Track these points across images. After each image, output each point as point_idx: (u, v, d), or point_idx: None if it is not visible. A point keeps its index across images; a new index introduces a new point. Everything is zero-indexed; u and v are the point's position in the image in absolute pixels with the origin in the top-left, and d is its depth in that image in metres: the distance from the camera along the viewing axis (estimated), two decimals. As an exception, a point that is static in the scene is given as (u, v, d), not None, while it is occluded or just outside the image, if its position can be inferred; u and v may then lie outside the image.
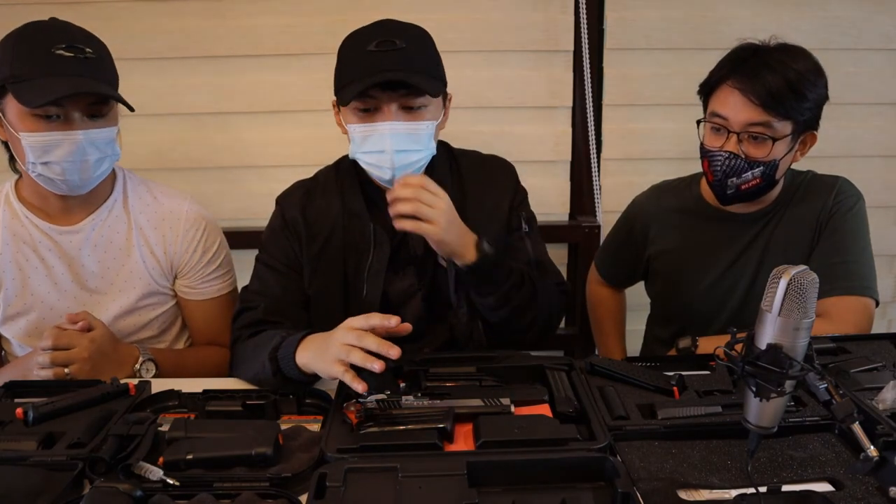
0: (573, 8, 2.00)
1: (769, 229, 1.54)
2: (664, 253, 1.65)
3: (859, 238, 1.50)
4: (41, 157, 1.29)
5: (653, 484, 0.95)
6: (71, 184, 1.34)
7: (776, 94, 1.37)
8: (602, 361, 1.26)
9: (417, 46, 1.31)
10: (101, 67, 1.31)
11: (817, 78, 1.41)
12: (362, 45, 1.28)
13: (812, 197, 1.53)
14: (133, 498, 0.89)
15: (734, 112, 1.41)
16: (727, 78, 1.43)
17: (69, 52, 1.26)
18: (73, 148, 1.29)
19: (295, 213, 1.42)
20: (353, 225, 1.41)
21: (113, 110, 1.36)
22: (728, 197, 1.48)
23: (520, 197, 1.50)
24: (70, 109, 1.28)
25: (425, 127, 1.31)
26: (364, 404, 1.10)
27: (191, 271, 1.51)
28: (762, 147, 1.41)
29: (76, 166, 1.31)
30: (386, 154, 1.30)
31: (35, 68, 1.25)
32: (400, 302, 1.42)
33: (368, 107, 1.29)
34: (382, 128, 1.29)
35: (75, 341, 1.29)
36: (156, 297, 1.50)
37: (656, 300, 1.74)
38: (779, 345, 0.84)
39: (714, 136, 1.46)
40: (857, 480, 0.95)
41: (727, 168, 1.43)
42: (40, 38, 1.27)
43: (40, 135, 1.27)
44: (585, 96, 2.03)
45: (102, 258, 1.45)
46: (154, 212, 1.49)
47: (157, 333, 1.53)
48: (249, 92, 2.01)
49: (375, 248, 1.39)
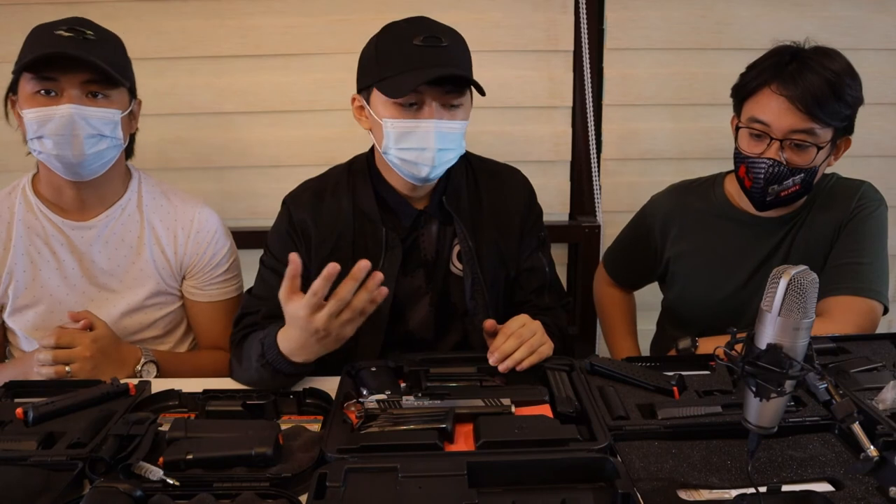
0: (573, 8, 2.00)
1: (793, 234, 1.52)
2: (685, 254, 1.62)
3: (876, 242, 1.48)
4: (36, 131, 1.31)
5: (653, 484, 0.95)
6: (65, 160, 1.33)
7: (820, 100, 1.34)
8: (602, 361, 1.26)
9: (460, 45, 1.31)
10: (101, 49, 1.33)
11: (853, 80, 1.39)
12: (406, 39, 1.27)
13: (836, 201, 1.50)
14: (133, 498, 0.89)
15: (777, 118, 1.38)
16: (769, 83, 1.39)
17: (69, 32, 1.31)
18: (63, 121, 1.30)
19: (304, 214, 1.41)
20: (363, 227, 1.40)
21: (119, 96, 1.37)
22: (767, 203, 1.46)
23: (534, 215, 1.50)
24: (65, 86, 1.31)
25: (461, 126, 1.32)
26: (364, 404, 1.10)
27: (199, 273, 1.52)
28: (805, 154, 1.38)
29: (66, 140, 1.31)
30: (428, 151, 1.29)
31: (35, 49, 1.30)
32: (408, 303, 1.42)
33: (414, 101, 1.28)
34: (427, 125, 1.28)
35: (77, 340, 1.30)
36: (163, 297, 1.51)
37: (674, 303, 1.70)
38: (779, 345, 0.84)
39: (754, 143, 1.42)
40: (857, 480, 0.95)
41: (769, 176, 1.40)
42: (47, 25, 1.33)
43: (35, 111, 1.31)
44: (585, 96, 2.03)
45: (113, 255, 1.47)
46: (167, 213, 1.51)
47: (162, 334, 1.53)
48: (249, 92, 2.01)
49: (387, 252, 1.38)
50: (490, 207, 1.45)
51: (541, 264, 1.50)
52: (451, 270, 1.43)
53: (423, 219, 1.42)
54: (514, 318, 1.26)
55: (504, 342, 1.22)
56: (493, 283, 1.43)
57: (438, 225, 1.43)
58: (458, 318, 1.44)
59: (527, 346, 1.22)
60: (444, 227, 1.43)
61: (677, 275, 1.64)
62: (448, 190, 1.42)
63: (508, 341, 1.22)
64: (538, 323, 1.26)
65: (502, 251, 1.45)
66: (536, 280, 1.49)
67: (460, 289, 1.42)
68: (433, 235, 1.43)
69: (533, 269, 1.48)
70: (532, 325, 1.25)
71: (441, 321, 1.44)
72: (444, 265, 1.43)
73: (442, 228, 1.43)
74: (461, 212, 1.42)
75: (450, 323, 1.45)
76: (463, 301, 1.42)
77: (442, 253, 1.43)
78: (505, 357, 1.21)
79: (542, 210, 1.54)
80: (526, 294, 1.48)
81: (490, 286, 1.42)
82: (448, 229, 1.43)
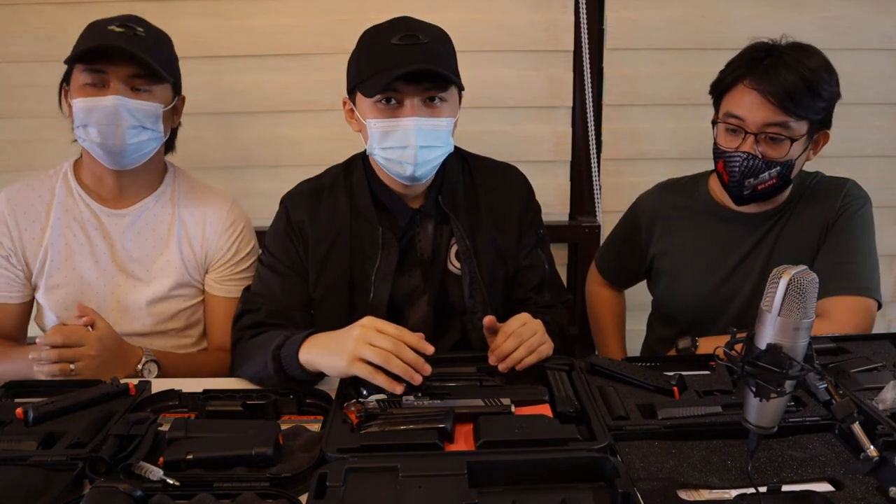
0: (573, 8, 2.00)
1: (777, 230, 1.54)
2: (669, 251, 1.64)
3: (864, 240, 1.49)
4: (83, 119, 1.37)
5: (653, 484, 0.95)
6: (108, 148, 1.39)
7: (793, 94, 1.36)
8: (602, 361, 1.26)
9: (440, 42, 1.31)
10: (149, 45, 1.39)
11: (830, 75, 1.40)
12: (385, 39, 1.27)
13: (820, 198, 1.52)
14: (133, 498, 0.89)
15: (751, 112, 1.40)
16: (743, 78, 1.42)
17: (120, 28, 1.37)
18: (107, 111, 1.36)
19: (301, 214, 1.42)
20: (360, 227, 1.40)
21: (162, 92, 1.43)
22: (744, 198, 1.47)
23: (532, 212, 1.51)
24: (111, 79, 1.36)
25: (446, 123, 1.31)
26: (364, 404, 1.10)
27: (221, 267, 1.55)
28: (780, 147, 1.40)
29: (111, 129, 1.37)
30: (409, 149, 1.29)
31: (88, 41, 1.36)
32: (405, 303, 1.42)
33: (391, 98, 1.28)
34: (407, 123, 1.28)
35: (84, 339, 1.31)
36: (186, 289, 1.55)
37: (659, 299, 1.73)
38: (779, 345, 0.84)
39: (730, 137, 1.45)
40: (857, 480, 0.95)
41: (745, 169, 1.42)
42: (102, 21, 1.40)
43: (83, 100, 1.37)
44: (585, 96, 2.03)
45: (143, 244, 1.52)
46: (197, 206, 1.56)
47: (184, 327, 1.56)
48: (249, 92, 2.01)
49: (383, 252, 1.38)
50: (488, 205, 1.45)
51: (540, 261, 1.50)
52: (449, 269, 1.43)
53: (418, 218, 1.42)
54: (514, 317, 1.26)
55: (504, 341, 1.22)
56: (491, 282, 1.43)
57: (435, 224, 1.43)
58: (456, 317, 1.44)
59: (526, 345, 1.22)
60: (441, 226, 1.43)
61: (662, 271, 1.66)
62: (444, 189, 1.42)
63: (508, 341, 1.22)
64: (539, 322, 1.26)
65: (500, 249, 1.45)
66: (536, 277, 1.49)
67: (458, 288, 1.42)
68: (429, 234, 1.43)
69: (532, 266, 1.49)
70: (532, 325, 1.25)
71: (440, 320, 1.44)
72: (442, 264, 1.42)
73: (438, 227, 1.43)
74: (458, 210, 1.42)
75: (449, 322, 1.44)
76: (461, 300, 1.42)
77: (439, 252, 1.43)
78: (504, 357, 1.21)
79: (541, 207, 1.54)
80: (525, 291, 1.48)
81: (489, 285, 1.42)
82: (445, 228, 1.43)
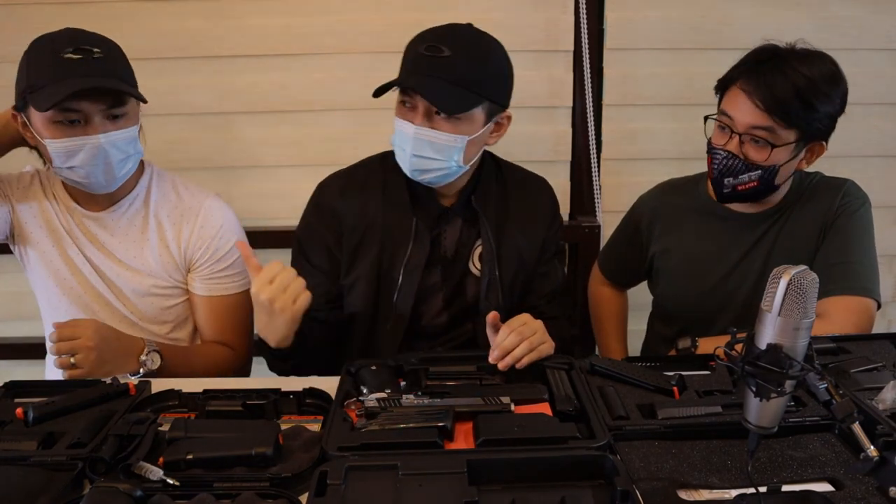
0: (573, 8, 1.99)
1: (775, 230, 1.54)
2: (669, 250, 1.64)
3: (863, 240, 1.50)
4: (65, 161, 1.32)
5: (653, 484, 0.95)
6: (97, 185, 1.37)
7: (782, 102, 1.36)
8: (602, 361, 1.27)
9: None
10: (111, 65, 1.33)
11: (831, 89, 1.39)
12: (417, 46, 1.35)
13: (819, 199, 1.52)
14: (133, 498, 0.89)
15: (740, 113, 1.40)
16: (738, 79, 1.42)
17: (77, 54, 1.28)
18: (94, 152, 1.31)
19: (336, 202, 1.44)
20: (392, 217, 1.42)
21: (133, 108, 1.38)
22: (724, 195, 1.48)
23: (556, 226, 1.53)
24: (89, 112, 1.30)
25: (447, 138, 1.32)
26: (364, 403, 1.11)
27: (202, 266, 1.52)
28: (761, 151, 1.41)
29: (100, 169, 1.34)
30: (406, 153, 1.34)
31: (45, 75, 1.28)
32: (420, 298, 1.44)
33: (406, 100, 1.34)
34: (407, 127, 1.33)
35: (79, 331, 1.30)
36: (168, 290, 1.52)
37: (659, 298, 1.73)
38: (779, 345, 0.84)
39: (719, 134, 1.46)
40: (857, 480, 0.95)
41: (723, 167, 1.44)
42: (49, 47, 1.30)
43: (62, 141, 1.30)
44: (585, 96, 2.03)
45: (117, 247, 1.49)
46: (174, 207, 1.52)
47: (172, 320, 1.55)
48: (249, 92, 2.01)
49: (415, 243, 1.40)
50: (517, 212, 1.48)
51: (555, 271, 1.53)
52: (470, 270, 1.45)
53: (447, 216, 1.44)
54: (515, 316, 1.27)
55: (505, 338, 1.22)
56: (510, 286, 1.45)
57: (462, 223, 1.45)
58: (469, 317, 1.46)
59: (527, 343, 1.22)
60: (468, 227, 1.45)
61: (661, 270, 1.67)
62: (478, 189, 1.45)
63: (509, 338, 1.22)
64: (539, 322, 1.27)
65: (524, 256, 1.47)
66: (549, 286, 1.51)
67: (476, 289, 1.44)
68: (456, 234, 1.45)
69: (547, 274, 1.52)
70: (533, 324, 1.25)
71: (452, 318, 1.46)
72: (463, 264, 1.45)
73: (465, 227, 1.45)
74: (488, 212, 1.44)
75: (460, 321, 1.47)
76: (476, 301, 1.44)
77: (462, 252, 1.45)
78: (505, 354, 1.22)
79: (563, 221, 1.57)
80: (537, 298, 1.51)
81: (507, 289, 1.44)
82: (472, 229, 1.45)
